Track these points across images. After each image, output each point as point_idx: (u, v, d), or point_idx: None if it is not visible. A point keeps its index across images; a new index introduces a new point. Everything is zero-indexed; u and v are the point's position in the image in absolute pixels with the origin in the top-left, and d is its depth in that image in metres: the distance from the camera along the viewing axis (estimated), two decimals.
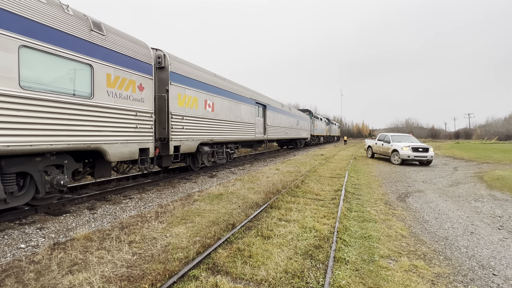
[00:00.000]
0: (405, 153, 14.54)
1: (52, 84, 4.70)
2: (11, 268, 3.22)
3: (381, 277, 3.18)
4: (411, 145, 14.73)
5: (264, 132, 15.97)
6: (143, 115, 6.69)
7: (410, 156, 14.41)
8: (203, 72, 9.77)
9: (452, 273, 3.35)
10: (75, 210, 5.69)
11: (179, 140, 8.11)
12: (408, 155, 14.43)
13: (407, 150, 14.54)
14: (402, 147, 14.80)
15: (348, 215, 5.48)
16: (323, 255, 3.66)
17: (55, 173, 5.16)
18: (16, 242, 4.02)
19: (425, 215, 5.69)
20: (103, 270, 3.16)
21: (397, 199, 7.04)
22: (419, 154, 14.38)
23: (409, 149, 14.51)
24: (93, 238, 4.11)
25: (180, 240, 4.07)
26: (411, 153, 14.40)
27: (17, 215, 5.04)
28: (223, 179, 9.59)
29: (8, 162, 4.40)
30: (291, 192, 7.31)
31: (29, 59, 4.37)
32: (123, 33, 6.42)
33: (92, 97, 5.39)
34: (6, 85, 4.01)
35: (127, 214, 5.45)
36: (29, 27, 4.32)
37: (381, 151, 17.25)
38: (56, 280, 2.97)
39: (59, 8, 4.88)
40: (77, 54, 5.09)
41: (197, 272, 3.15)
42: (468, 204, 6.65)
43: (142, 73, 6.72)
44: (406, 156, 14.50)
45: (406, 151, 14.56)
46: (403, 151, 14.64)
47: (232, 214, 5.35)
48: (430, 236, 4.57)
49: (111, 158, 5.79)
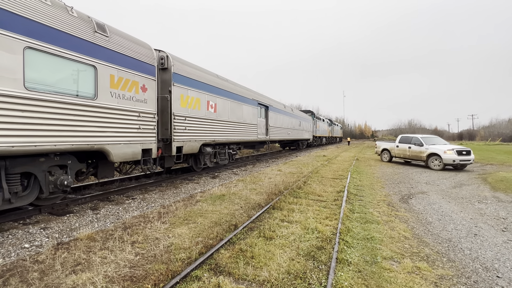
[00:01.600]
0: (450, 157, 12.70)
1: (56, 85, 4.74)
2: (15, 267, 3.25)
3: (384, 278, 3.16)
4: (455, 148, 12.99)
5: (266, 133, 15.97)
6: (146, 116, 6.72)
7: (455, 160, 12.59)
8: (205, 73, 9.80)
9: (455, 275, 3.33)
10: (79, 210, 5.72)
11: (182, 141, 8.14)
12: (453, 159, 12.61)
13: (452, 154, 12.71)
14: (445, 150, 12.91)
15: (351, 216, 5.46)
16: (326, 257, 3.65)
17: (58, 173, 5.20)
18: (20, 242, 4.05)
19: (428, 217, 5.66)
20: (106, 270, 3.18)
21: (400, 201, 7.01)
22: (464, 157, 12.75)
23: (453, 153, 12.71)
24: (96, 238, 4.13)
25: (183, 240, 4.09)
26: (456, 156, 12.63)
27: (21, 215, 5.08)
28: (225, 180, 9.60)
29: (12, 163, 4.44)
30: (293, 193, 7.30)
31: (34, 61, 4.41)
32: (127, 34, 6.47)
33: (95, 98, 5.43)
34: (11, 86, 4.05)
35: (130, 215, 5.48)
36: (34, 28, 4.37)
37: (407, 155, 15.07)
38: (60, 279, 2.99)
39: (63, 10, 4.93)
40: (81, 55, 5.14)
41: (199, 272, 3.16)
42: (471, 206, 6.60)
43: (145, 74, 6.76)
44: (450, 160, 12.67)
45: (450, 155, 12.72)
46: (447, 155, 12.78)
47: (234, 215, 5.36)
48: (433, 237, 4.54)
49: (114, 159, 5.82)
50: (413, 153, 14.68)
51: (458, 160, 12.63)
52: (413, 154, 14.70)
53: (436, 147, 13.56)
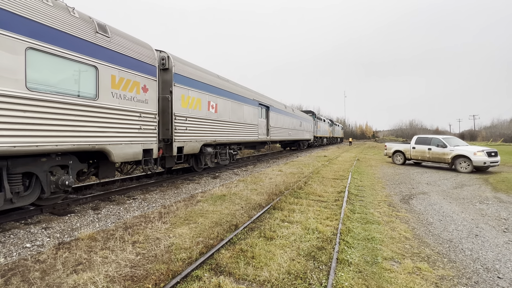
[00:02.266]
0: (480, 159, 11.95)
1: (57, 86, 4.76)
2: (17, 267, 3.26)
3: (384, 279, 3.16)
4: (485, 150, 12.27)
5: (267, 133, 15.97)
6: (147, 116, 6.74)
7: (486, 162, 11.90)
8: (206, 74, 9.82)
9: (456, 275, 3.32)
10: (80, 210, 5.74)
11: (183, 141, 8.15)
12: (484, 161, 11.90)
13: (482, 156, 11.98)
14: (475, 152, 12.17)
15: (351, 216, 5.46)
16: (326, 257, 3.65)
17: (60, 173, 5.22)
18: (22, 242, 4.07)
19: (429, 217, 5.65)
20: (107, 270, 3.19)
21: (401, 201, 7.00)
22: (493, 159, 12.15)
23: (484, 154, 12.00)
24: (97, 238, 4.14)
25: (183, 240, 4.09)
26: (486, 158, 11.93)
27: (23, 215, 5.10)
28: (226, 180, 9.61)
29: (14, 163, 4.46)
30: (294, 193, 7.30)
31: (35, 61, 4.43)
32: (128, 35, 6.49)
33: (97, 98, 5.45)
34: (12, 87, 4.07)
35: (131, 215, 5.49)
36: (36, 29, 4.39)
37: (426, 157, 14.01)
38: (61, 279, 3.01)
39: (65, 10, 4.95)
40: (82, 56, 5.16)
41: (200, 272, 3.17)
42: (473, 207, 6.59)
43: (146, 74, 6.78)
44: (481, 162, 11.92)
45: (481, 157, 11.97)
46: (477, 157, 12.02)
47: (235, 215, 5.36)
48: (434, 238, 4.54)
49: (115, 159, 5.84)
50: (435, 155, 13.59)
51: (489, 162, 11.98)
52: (435, 156, 13.60)
53: (463, 149, 12.69)
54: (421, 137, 14.78)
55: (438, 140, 13.71)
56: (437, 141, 13.69)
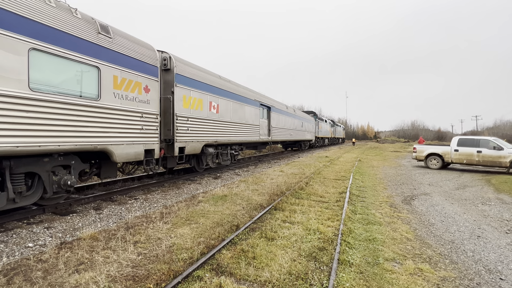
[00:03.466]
0: None
1: (60, 86, 4.79)
2: (19, 266, 3.28)
3: (386, 280, 3.15)
4: None
5: (268, 134, 15.98)
6: (149, 117, 6.76)
7: None
8: (208, 74, 9.84)
9: (458, 277, 3.31)
10: (82, 210, 5.76)
11: (184, 142, 8.17)
12: None
13: None
14: None
15: (353, 217, 5.45)
16: (327, 257, 3.65)
17: (62, 173, 5.25)
18: (24, 241, 4.09)
19: (431, 218, 5.63)
20: (109, 270, 3.20)
21: (403, 202, 6.98)
22: None
23: None
24: (99, 238, 4.16)
25: (185, 240, 4.10)
26: None
27: (25, 215, 5.13)
28: (227, 181, 9.62)
29: (17, 163, 4.49)
30: (295, 194, 7.30)
31: (39, 62, 4.46)
32: (130, 35, 6.52)
33: (99, 98, 5.47)
34: (16, 87, 4.10)
35: (133, 215, 5.51)
36: (39, 30, 4.42)
37: (475, 161, 12.69)
38: (63, 278, 3.02)
39: (67, 11, 4.98)
40: (84, 56, 5.18)
41: (201, 272, 3.17)
42: (475, 208, 6.56)
43: (148, 75, 6.80)
44: None
45: None
46: None
47: (236, 216, 5.37)
48: (435, 239, 4.52)
49: (117, 159, 5.86)
50: (487, 158, 12.32)
51: None
52: (487, 160, 12.34)
53: None
54: (465, 139, 13.40)
55: (488, 141, 12.47)
56: (487, 143, 12.45)
